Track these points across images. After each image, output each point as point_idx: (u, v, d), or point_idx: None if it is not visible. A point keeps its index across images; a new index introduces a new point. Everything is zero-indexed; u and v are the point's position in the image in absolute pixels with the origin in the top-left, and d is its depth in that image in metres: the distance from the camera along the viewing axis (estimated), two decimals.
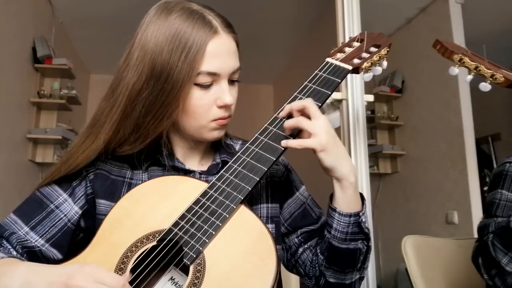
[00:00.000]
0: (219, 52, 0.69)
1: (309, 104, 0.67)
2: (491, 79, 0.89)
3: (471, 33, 2.78)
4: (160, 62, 0.67)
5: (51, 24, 3.29)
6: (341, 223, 0.69)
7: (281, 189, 0.82)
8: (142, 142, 0.71)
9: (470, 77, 0.92)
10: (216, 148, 0.81)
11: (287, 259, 0.81)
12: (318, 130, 0.65)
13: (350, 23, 1.59)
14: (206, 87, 0.70)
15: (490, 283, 0.98)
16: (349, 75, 1.58)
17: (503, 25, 3.28)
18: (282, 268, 0.86)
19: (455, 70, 0.95)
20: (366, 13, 1.69)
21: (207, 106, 0.71)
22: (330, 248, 0.71)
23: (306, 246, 0.79)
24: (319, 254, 0.74)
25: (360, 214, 0.70)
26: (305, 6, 3.32)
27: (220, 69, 0.70)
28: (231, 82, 0.73)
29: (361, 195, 0.72)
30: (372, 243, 0.74)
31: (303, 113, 0.68)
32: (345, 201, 0.69)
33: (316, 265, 0.75)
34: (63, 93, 3.10)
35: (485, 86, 0.91)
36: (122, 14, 3.05)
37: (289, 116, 0.70)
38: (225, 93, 0.71)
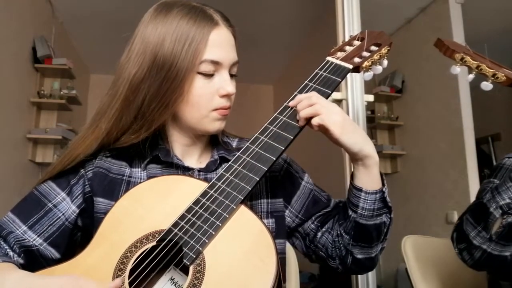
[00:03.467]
0: (221, 42, 0.72)
1: (317, 99, 0.68)
2: (492, 78, 0.89)
3: (471, 33, 2.78)
4: (163, 53, 0.69)
5: (51, 24, 3.29)
6: (368, 201, 0.72)
7: (283, 183, 0.83)
8: (147, 130, 0.72)
9: (471, 76, 0.92)
10: (214, 145, 0.82)
11: (306, 246, 0.83)
12: (337, 118, 0.66)
13: (350, 23, 1.59)
14: (208, 76, 0.72)
15: (460, 257, 0.98)
16: (348, 75, 1.59)
17: (503, 24, 3.28)
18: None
19: (456, 69, 0.95)
20: (366, 13, 1.69)
21: (210, 96, 0.72)
22: (357, 227, 0.73)
23: (324, 229, 0.80)
24: (343, 234, 0.76)
25: (384, 189, 0.73)
26: (305, 7, 3.32)
27: (222, 58, 0.72)
28: (230, 76, 0.75)
29: (380, 172, 0.74)
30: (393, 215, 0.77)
31: None
32: (370, 180, 0.71)
33: (341, 245, 0.76)
34: (63, 93, 3.10)
35: (486, 85, 0.91)
36: (122, 14, 3.05)
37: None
38: (227, 82, 0.73)
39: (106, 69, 4.03)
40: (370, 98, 1.58)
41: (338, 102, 1.55)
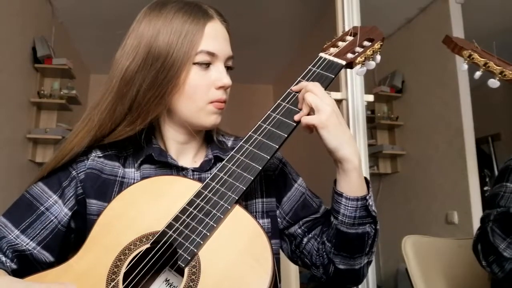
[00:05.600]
0: (216, 35, 0.73)
1: (311, 86, 0.68)
2: (500, 75, 0.89)
3: (471, 33, 2.78)
4: (157, 44, 0.70)
5: (51, 24, 3.29)
6: (349, 208, 0.69)
7: (277, 183, 0.82)
8: (143, 121, 0.72)
9: (479, 73, 0.92)
10: (209, 144, 0.81)
11: (292, 251, 0.80)
12: (322, 107, 0.65)
13: (350, 23, 1.59)
14: (205, 67, 0.72)
15: (488, 270, 0.96)
16: (349, 75, 1.59)
17: (503, 24, 3.28)
18: (283, 266, 0.86)
19: (464, 66, 0.95)
20: (366, 13, 1.69)
21: (206, 87, 0.72)
22: (338, 234, 0.71)
23: (310, 235, 0.78)
24: (326, 242, 0.74)
25: (367, 197, 0.69)
26: (305, 6, 3.32)
27: (218, 50, 0.72)
28: (226, 69, 0.75)
29: (366, 179, 0.72)
30: (379, 226, 0.73)
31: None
32: (350, 185, 0.69)
33: (324, 253, 0.74)
34: (63, 93, 3.10)
35: (493, 83, 0.90)
36: (122, 14, 3.05)
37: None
38: (223, 74, 0.73)
39: (106, 69, 4.00)
40: (370, 98, 1.58)
41: (338, 102, 1.55)
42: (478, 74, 0.92)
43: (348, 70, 1.51)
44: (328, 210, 0.80)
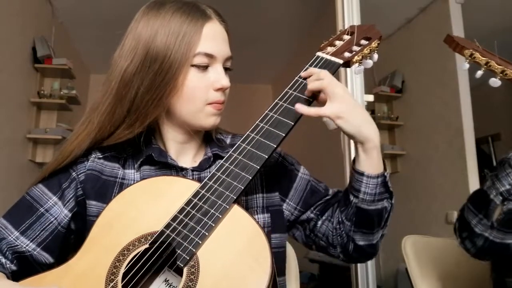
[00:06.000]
0: (214, 36, 0.72)
1: (325, 75, 0.68)
2: (501, 74, 0.89)
3: (471, 33, 2.78)
4: (155, 45, 0.69)
5: (51, 24, 3.29)
6: (370, 186, 0.71)
7: (279, 177, 0.82)
8: (142, 124, 0.72)
9: (480, 72, 0.92)
10: (207, 142, 0.81)
11: (306, 236, 0.82)
12: (336, 97, 0.66)
13: (350, 23, 1.59)
14: (203, 69, 0.72)
15: (463, 247, 0.97)
16: (348, 75, 1.60)
17: (503, 24, 3.28)
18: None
19: (465, 65, 0.95)
20: (366, 13, 1.69)
21: (204, 89, 0.72)
22: (359, 212, 0.72)
23: (324, 217, 0.80)
24: (344, 221, 0.75)
25: (385, 174, 0.72)
26: (305, 6, 3.32)
27: (216, 52, 0.72)
28: (224, 70, 0.75)
29: None
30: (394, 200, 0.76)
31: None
32: (371, 164, 0.70)
33: (343, 232, 0.76)
34: (63, 93, 3.10)
35: (495, 82, 0.91)
36: (122, 14, 3.05)
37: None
38: (222, 76, 0.73)
39: (106, 69, 3.99)
40: (370, 98, 1.59)
41: None
42: (479, 73, 0.92)
43: (348, 70, 1.52)
44: (337, 192, 0.83)
